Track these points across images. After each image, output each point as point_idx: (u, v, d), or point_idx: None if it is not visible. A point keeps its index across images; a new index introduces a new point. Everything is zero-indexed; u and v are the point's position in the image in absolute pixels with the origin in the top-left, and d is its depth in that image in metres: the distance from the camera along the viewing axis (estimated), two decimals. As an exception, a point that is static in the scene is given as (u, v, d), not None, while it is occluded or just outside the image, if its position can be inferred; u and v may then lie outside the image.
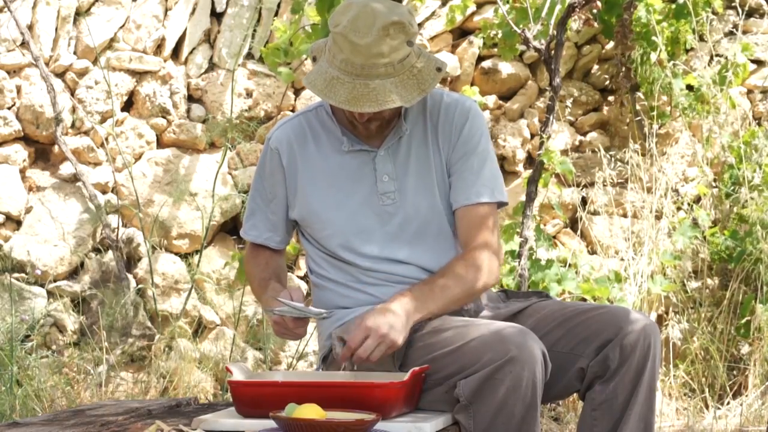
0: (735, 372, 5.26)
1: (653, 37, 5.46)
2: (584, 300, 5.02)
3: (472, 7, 5.60)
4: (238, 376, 2.67)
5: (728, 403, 5.12)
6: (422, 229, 2.87)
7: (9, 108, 5.29)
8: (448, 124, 2.90)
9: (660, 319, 5.39)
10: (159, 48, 5.47)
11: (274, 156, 2.93)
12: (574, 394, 2.87)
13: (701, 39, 5.67)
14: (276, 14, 5.51)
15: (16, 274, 5.14)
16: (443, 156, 2.89)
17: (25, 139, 5.33)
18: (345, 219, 2.87)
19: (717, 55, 5.65)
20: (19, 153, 5.29)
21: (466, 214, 2.88)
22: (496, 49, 5.55)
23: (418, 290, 2.76)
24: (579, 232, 5.59)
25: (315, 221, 2.90)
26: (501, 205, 2.93)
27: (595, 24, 5.67)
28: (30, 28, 5.31)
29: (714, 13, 5.65)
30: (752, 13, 5.85)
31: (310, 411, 2.35)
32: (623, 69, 5.54)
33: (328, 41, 2.78)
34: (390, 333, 2.64)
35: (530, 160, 5.60)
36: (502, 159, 5.57)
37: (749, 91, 5.80)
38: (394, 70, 2.72)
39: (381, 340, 2.63)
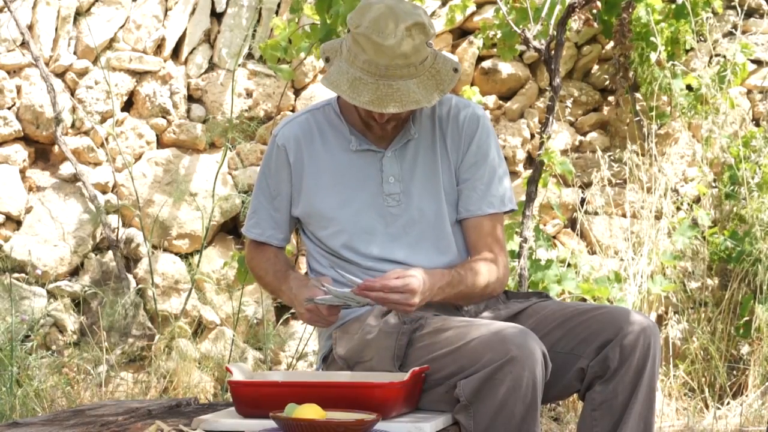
0: (735, 372, 5.26)
1: (653, 38, 5.46)
2: (584, 300, 5.02)
3: (472, 7, 5.60)
4: (238, 376, 2.67)
5: (728, 403, 5.12)
6: (424, 233, 2.88)
7: (9, 108, 5.29)
8: (457, 131, 2.90)
9: (660, 319, 5.39)
10: (159, 48, 5.47)
11: (280, 153, 2.93)
12: (574, 394, 2.87)
13: (701, 39, 5.67)
14: (276, 14, 5.51)
15: (16, 274, 5.14)
16: (452, 163, 2.90)
17: (25, 139, 5.33)
18: (349, 218, 2.87)
19: (717, 55, 5.65)
20: (19, 153, 5.29)
21: (477, 224, 2.90)
22: (496, 49, 5.54)
23: (447, 277, 2.78)
24: (579, 232, 5.59)
25: (319, 219, 2.90)
26: (509, 210, 2.95)
27: (595, 24, 5.67)
28: (30, 28, 5.31)
29: (714, 13, 5.64)
30: (752, 13, 5.85)
31: (310, 411, 2.35)
32: (621, 69, 5.54)
33: (347, 41, 2.77)
34: (414, 306, 2.67)
35: (530, 160, 5.59)
36: (502, 159, 5.57)
37: (749, 91, 5.80)
38: (416, 71, 2.73)
39: (404, 306, 2.66)
